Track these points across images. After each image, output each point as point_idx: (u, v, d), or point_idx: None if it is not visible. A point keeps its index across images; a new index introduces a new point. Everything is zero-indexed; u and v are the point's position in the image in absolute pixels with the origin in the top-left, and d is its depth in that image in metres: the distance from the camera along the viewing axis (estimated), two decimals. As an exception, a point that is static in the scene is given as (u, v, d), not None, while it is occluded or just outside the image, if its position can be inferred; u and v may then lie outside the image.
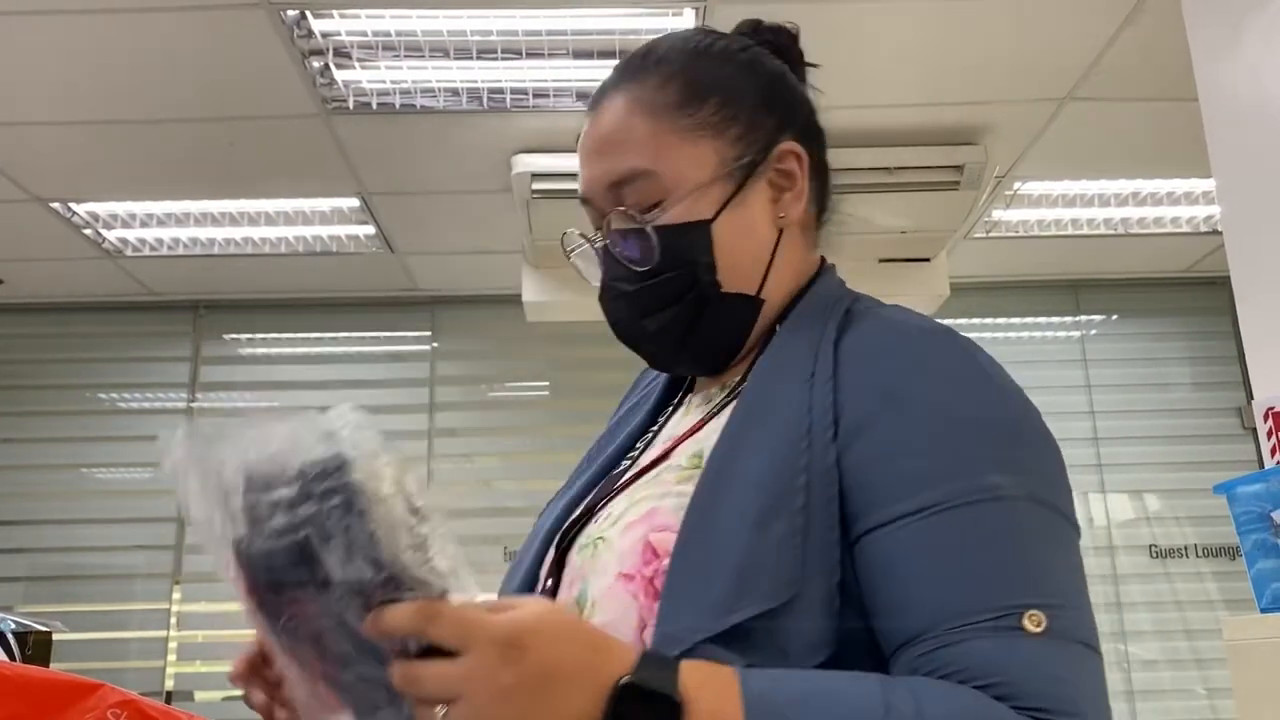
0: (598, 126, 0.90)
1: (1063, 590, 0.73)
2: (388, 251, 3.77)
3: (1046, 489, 0.76)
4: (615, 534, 0.81)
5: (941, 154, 3.01)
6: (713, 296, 0.87)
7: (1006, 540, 0.72)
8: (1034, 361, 4.18)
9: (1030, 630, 0.69)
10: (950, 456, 0.74)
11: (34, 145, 3.01)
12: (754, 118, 0.90)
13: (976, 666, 0.68)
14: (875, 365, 0.79)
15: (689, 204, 0.86)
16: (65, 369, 4.14)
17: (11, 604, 3.81)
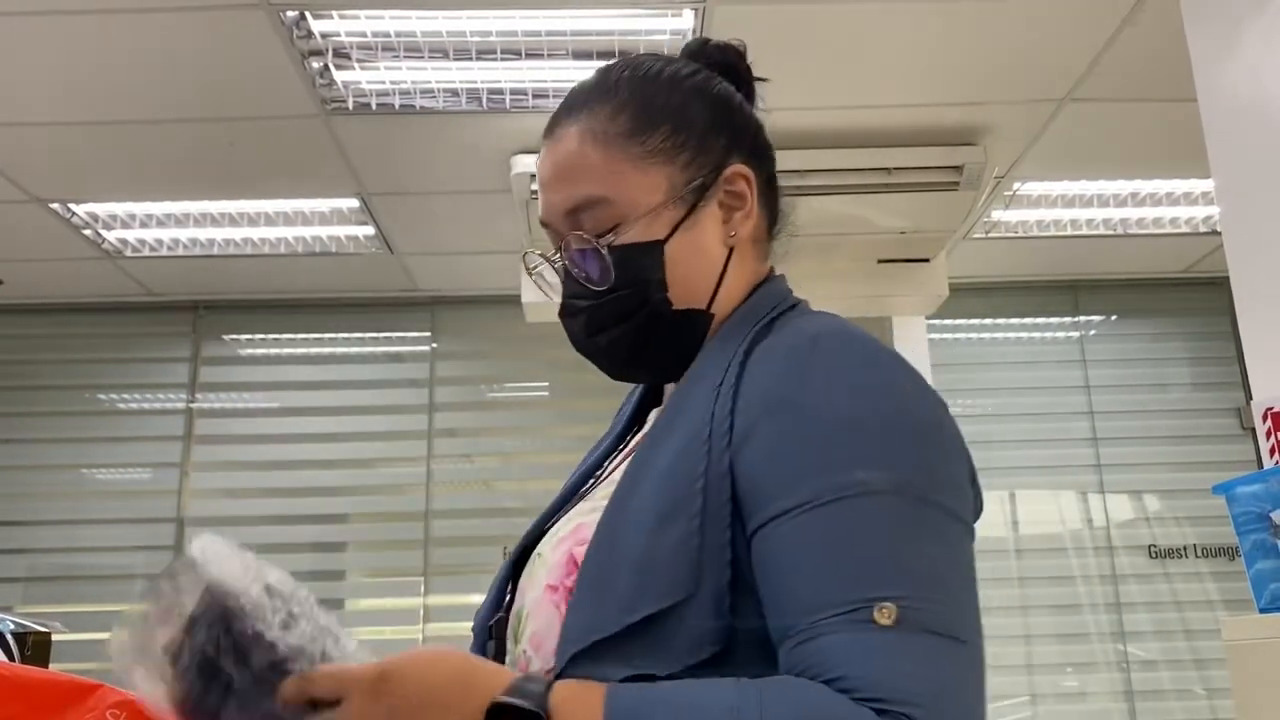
0: (553, 155, 0.94)
1: (920, 582, 0.74)
2: (387, 252, 3.77)
3: (921, 483, 0.78)
4: (549, 549, 0.88)
5: (941, 154, 3.01)
6: (664, 313, 0.92)
7: (866, 534, 0.75)
8: (1033, 362, 4.18)
9: (880, 623, 0.71)
10: (822, 455, 0.77)
11: (33, 146, 3.01)
12: (703, 142, 0.94)
13: (826, 661, 0.71)
14: (768, 372, 0.83)
15: (643, 226, 0.91)
16: (65, 369, 4.14)
17: (11, 604, 3.81)
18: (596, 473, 1.01)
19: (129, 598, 3.98)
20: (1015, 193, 3.44)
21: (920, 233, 3.22)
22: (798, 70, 2.72)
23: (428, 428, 4.09)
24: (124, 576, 3.99)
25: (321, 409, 4.12)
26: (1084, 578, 3.97)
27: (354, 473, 4.09)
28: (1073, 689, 3.88)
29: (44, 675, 1.01)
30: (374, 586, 4.20)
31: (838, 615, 0.72)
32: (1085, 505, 4.05)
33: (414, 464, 4.05)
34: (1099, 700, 3.85)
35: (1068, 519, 4.05)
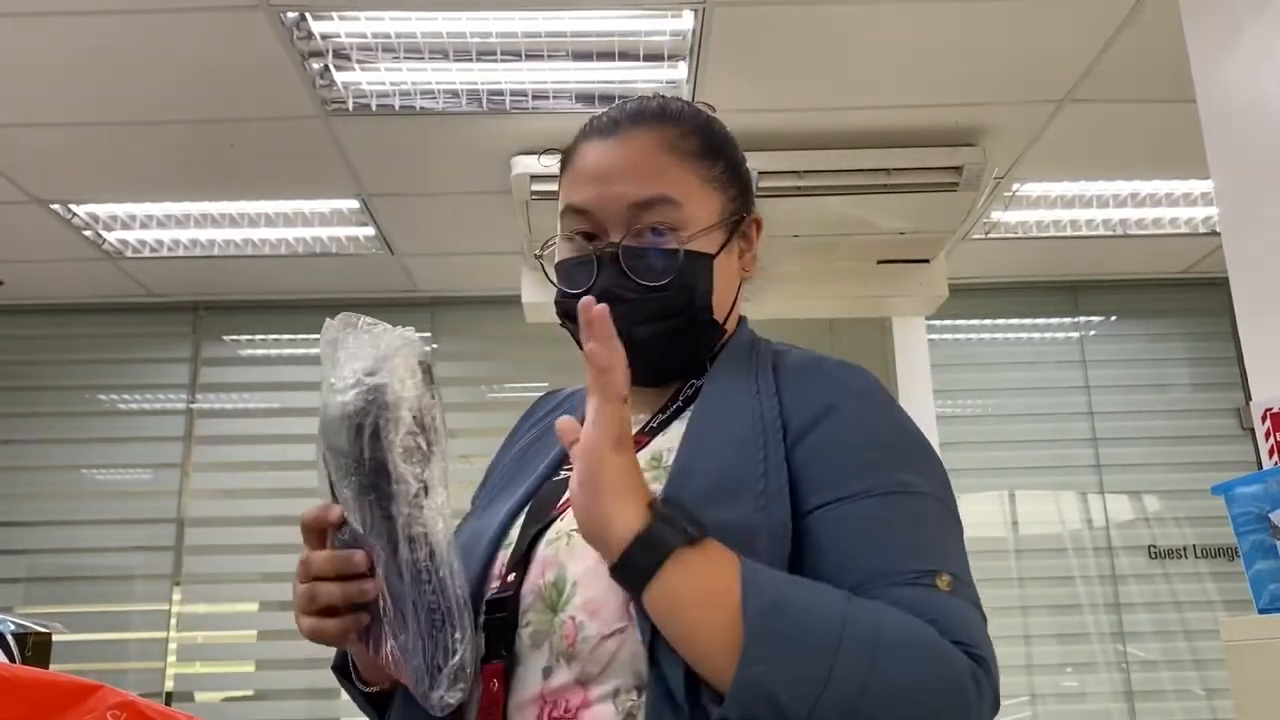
0: (623, 150, 1.01)
1: (959, 565, 0.90)
2: (387, 253, 3.77)
3: (943, 492, 0.94)
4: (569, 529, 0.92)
5: (940, 155, 3.01)
6: (701, 319, 1.01)
7: (918, 522, 0.90)
8: (1033, 362, 4.18)
9: (942, 589, 0.85)
10: (880, 457, 0.92)
11: (34, 146, 3.01)
12: (742, 187, 1.07)
13: (908, 605, 0.83)
14: (814, 384, 0.97)
15: (702, 239, 1.00)
16: (65, 370, 4.14)
17: (11, 605, 3.81)
18: (565, 466, 1.03)
19: (129, 598, 3.98)
20: (1015, 193, 3.45)
21: (920, 233, 3.22)
22: (796, 71, 2.72)
23: (428, 428, 4.08)
24: (124, 577, 3.99)
25: (321, 409, 4.12)
26: (1084, 578, 3.97)
27: (354, 473, 4.08)
28: (1072, 689, 3.89)
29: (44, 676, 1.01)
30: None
31: (907, 578, 0.85)
32: (1085, 505, 4.05)
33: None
34: (1099, 700, 3.85)
35: (1067, 519, 4.05)
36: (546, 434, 1.10)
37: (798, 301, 3.39)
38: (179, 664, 3.90)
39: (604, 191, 0.99)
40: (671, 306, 0.99)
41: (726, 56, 2.64)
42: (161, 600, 3.94)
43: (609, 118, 1.04)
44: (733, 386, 0.98)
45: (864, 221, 3.13)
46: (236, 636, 4.11)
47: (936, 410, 3.75)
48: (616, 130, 1.02)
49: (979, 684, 0.82)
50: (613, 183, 0.99)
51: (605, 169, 1.00)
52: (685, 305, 0.99)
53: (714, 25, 2.51)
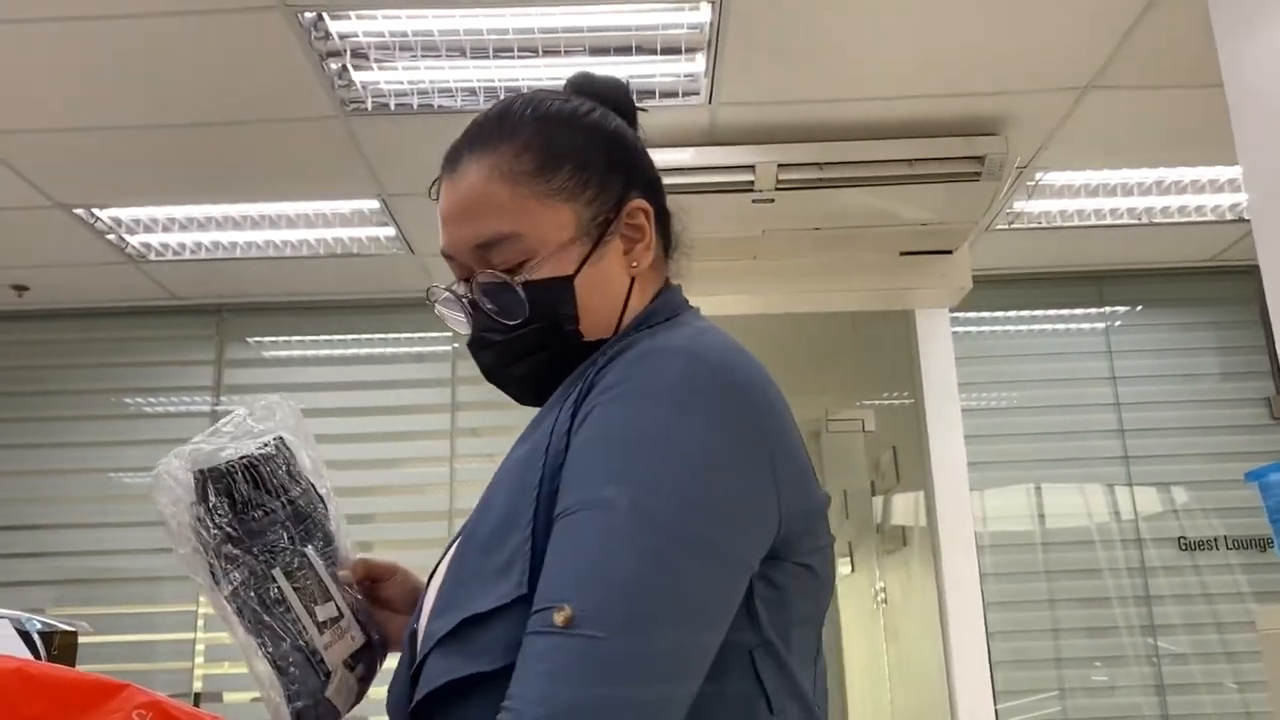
0: (457, 190, 0.96)
1: (609, 594, 0.75)
2: (408, 252, 3.78)
3: (664, 504, 0.79)
4: (443, 567, 0.93)
5: (962, 145, 2.98)
6: (575, 345, 0.96)
7: (581, 544, 0.78)
8: (1058, 354, 4.14)
9: (556, 624, 0.75)
10: (586, 470, 0.82)
11: (56, 151, 3.03)
12: (604, 179, 0.98)
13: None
14: (596, 389, 0.87)
15: (553, 263, 0.94)
16: (90, 374, 4.18)
17: (42, 607, 3.84)
18: None
19: (157, 599, 4.01)
20: (1038, 183, 3.41)
21: (943, 224, 3.19)
22: (815, 62, 2.70)
23: (450, 427, 4.10)
24: (151, 579, 4.02)
25: (344, 410, 4.14)
26: (1112, 570, 3.93)
27: (378, 473, 4.10)
28: (1102, 683, 3.85)
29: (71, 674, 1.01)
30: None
31: (535, 614, 0.77)
32: (1113, 498, 4.01)
33: (437, 463, 4.06)
34: (1129, 694, 3.82)
35: (1095, 512, 4.01)
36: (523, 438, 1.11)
37: (819, 295, 3.37)
38: (207, 664, 3.93)
39: (451, 236, 0.97)
40: (537, 342, 0.95)
41: (744, 48, 2.63)
42: (189, 601, 3.97)
43: (454, 147, 1.00)
44: (557, 401, 0.92)
45: (886, 213, 3.11)
46: (263, 636, 4.13)
47: (962, 403, 3.72)
48: (455, 165, 0.98)
49: None
50: (456, 227, 0.96)
51: (447, 213, 0.97)
52: (551, 335, 0.95)
53: (731, 17, 2.50)
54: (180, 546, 0.97)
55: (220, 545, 0.96)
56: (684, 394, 0.83)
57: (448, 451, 4.06)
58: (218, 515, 0.95)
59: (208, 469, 0.97)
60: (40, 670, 0.94)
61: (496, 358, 0.98)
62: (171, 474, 0.97)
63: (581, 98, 1.04)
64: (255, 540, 0.96)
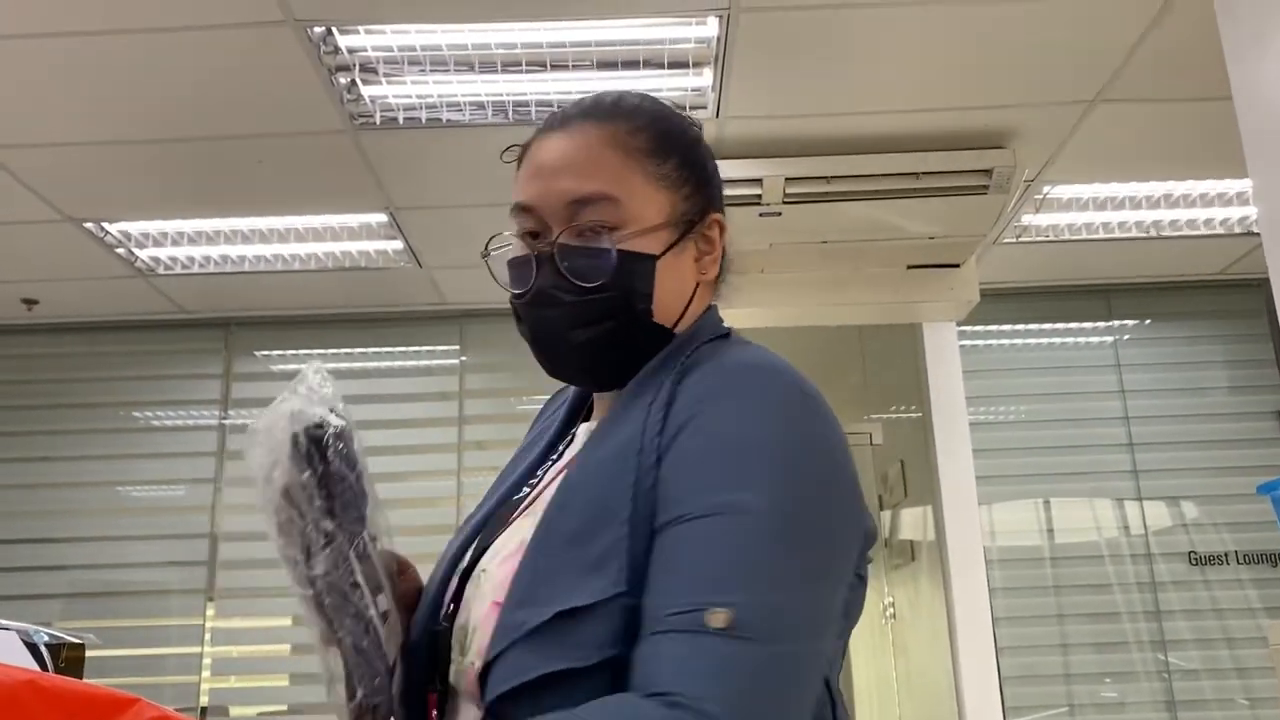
0: (567, 144, 0.97)
1: (762, 594, 0.78)
2: (416, 266, 3.79)
3: (798, 508, 0.82)
4: (494, 566, 0.91)
5: (970, 158, 2.98)
6: (642, 323, 0.96)
7: (727, 546, 0.79)
8: (1066, 367, 4.13)
9: (711, 626, 0.76)
10: (710, 474, 0.83)
11: (66, 166, 3.05)
12: (698, 186, 1.01)
13: (646, 664, 0.77)
14: (689, 396, 0.88)
15: (644, 239, 0.95)
16: (99, 387, 4.19)
17: (49, 620, 3.85)
18: (530, 481, 1.03)
19: (164, 613, 4.01)
20: (1045, 196, 3.41)
21: (950, 238, 3.19)
22: (823, 76, 2.71)
23: (457, 440, 4.10)
24: (159, 592, 4.02)
25: (352, 423, 4.14)
26: (1122, 585, 3.91)
27: (385, 486, 4.05)
28: (1112, 699, 3.82)
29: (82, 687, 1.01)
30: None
31: (674, 616, 0.77)
32: (1122, 512, 3.99)
33: (444, 477, 4.06)
34: (1140, 710, 3.79)
35: (1104, 526, 3.99)
36: (535, 441, 1.09)
37: (827, 308, 3.37)
38: (214, 678, 3.92)
39: (544, 187, 0.96)
40: (609, 309, 0.95)
41: (752, 63, 2.63)
42: (196, 615, 3.96)
43: (562, 112, 1.00)
44: (637, 399, 0.92)
45: (893, 226, 3.11)
46: (270, 650, 4.13)
47: (969, 417, 3.71)
48: (565, 125, 0.98)
49: None
50: (554, 179, 0.96)
51: (548, 164, 0.96)
52: (623, 307, 0.95)
53: (739, 32, 2.51)
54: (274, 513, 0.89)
55: (320, 519, 0.88)
56: (790, 408, 0.88)
57: (455, 465, 4.06)
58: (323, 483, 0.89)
59: (310, 431, 0.90)
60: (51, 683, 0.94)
61: (562, 318, 0.96)
62: (273, 431, 0.90)
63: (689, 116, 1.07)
64: (343, 516, 0.90)
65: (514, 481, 1.04)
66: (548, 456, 1.05)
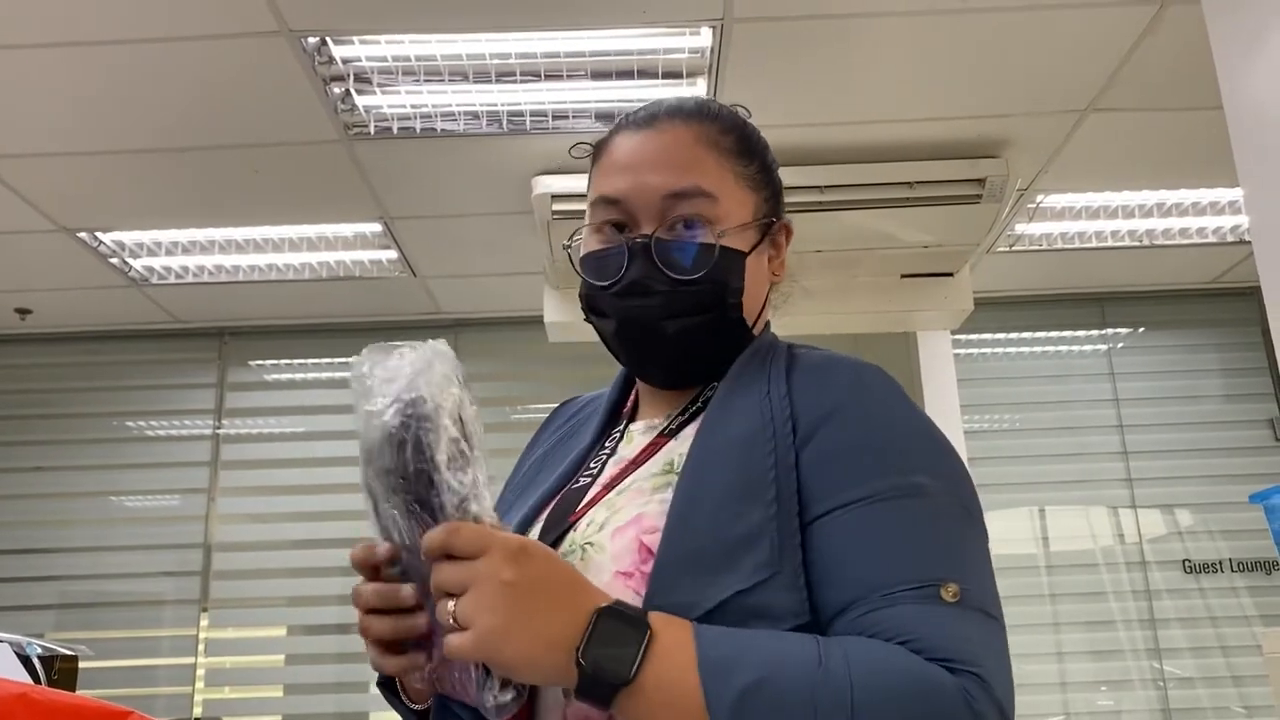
0: (660, 141, 0.99)
1: (972, 569, 0.85)
2: (410, 275, 3.79)
3: (961, 492, 0.89)
4: (604, 539, 0.90)
5: (963, 168, 2.99)
6: (732, 317, 0.99)
7: (928, 527, 0.85)
8: (1061, 376, 4.14)
9: (946, 599, 0.81)
10: (886, 458, 0.88)
11: (60, 175, 3.05)
12: (774, 191, 1.06)
13: (897, 626, 0.79)
14: (824, 385, 0.93)
15: (736, 235, 0.98)
16: (92, 397, 4.18)
17: (42, 631, 3.83)
18: (582, 470, 1.02)
19: (158, 624, 4.00)
20: (1039, 205, 3.42)
21: (943, 246, 3.20)
22: (816, 85, 2.72)
23: (452, 450, 4.08)
24: (153, 603, 4.01)
25: (347, 433, 4.13)
26: (1116, 593, 3.92)
27: (379, 496, 4.08)
28: (1108, 708, 3.82)
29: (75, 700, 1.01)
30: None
31: (909, 590, 0.81)
32: (1116, 520, 3.99)
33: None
34: (1135, 718, 3.79)
35: (1099, 534, 3.99)
36: (566, 440, 1.10)
37: (822, 317, 3.38)
38: (208, 689, 3.91)
39: (637, 181, 0.97)
40: (703, 301, 0.97)
41: (746, 72, 2.64)
42: (190, 625, 3.95)
43: (646, 112, 1.02)
44: (746, 389, 0.94)
45: (887, 235, 3.12)
46: (265, 661, 4.12)
47: (964, 425, 3.72)
48: (653, 123, 1.00)
49: (973, 704, 0.76)
50: (646, 173, 0.97)
51: (639, 159, 0.98)
52: (717, 301, 0.97)
53: (733, 41, 2.51)
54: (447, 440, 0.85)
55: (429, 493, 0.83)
56: (910, 401, 0.94)
57: (450, 474, 4.04)
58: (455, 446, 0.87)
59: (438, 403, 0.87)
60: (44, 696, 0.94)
61: (656, 308, 0.96)
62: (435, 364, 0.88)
63: None
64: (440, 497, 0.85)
65: (561, 475, 1.03)
66: (591, 451, 1.05)
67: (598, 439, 1.07)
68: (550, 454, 1.10)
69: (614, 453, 1.03)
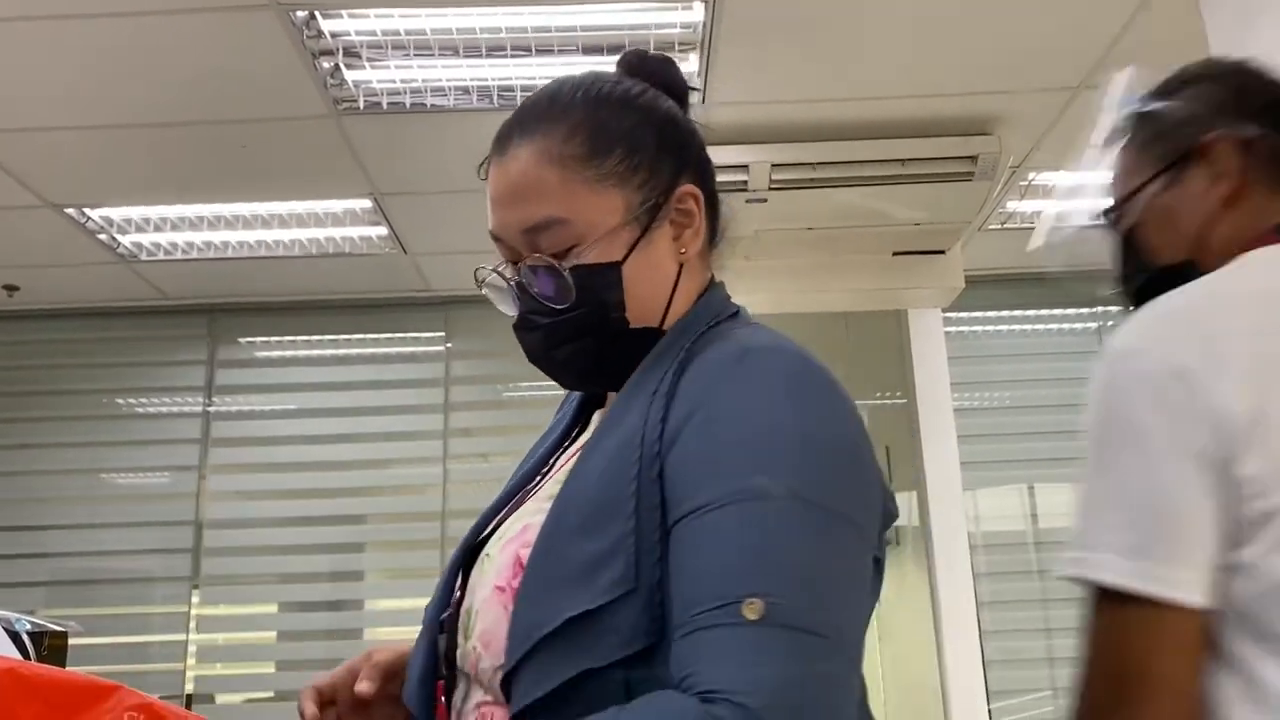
0: (508, 174, 0.96)
1: (792, 581, 0.78)
2: (400, 252, 3.77)
3: (819, 492, 0.81)
4: (497, 550, 0.92)
5: (955, 145, 2.99)
6: (620, 332, 0.95)
7: (751, 536, 0.79)
8: (1051, 354, 4.15)
9: (748, 617, 0.75)
10: (727, 461, 0.82)
11: (48, 151, 3.02)
12: (655, 164, 0.97)
13: (687, 656, 0.77)
14: (696, 382, 0.88)
15: (601, 248, 0.94)
16: (82, 374, 4.16)
17: (33, 608, 3.83)
18: (542, 470, 1.04)
19: (149, 601, 4.00)
20: (1030, 183, 3.42)
21: (935, 224, 3.20)
22: (808, 62, 2.71)
23: (443, 427, 4.09)
24: (143, 580, 4.01)
25: (337, 410, 4.13)
26: (1105, 570, 3.94)
27: (371, 473, 4.09)
28: (1095, 682, 3.85)
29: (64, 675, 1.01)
30: (393, 587, 4.21)
31: (710, 610, 0.77)
32: (1105, 497, 4.01)
33: (430, 464, 4.05)
34: (1122, 693, 3.82)
35: (1088, 511, 4.02)
36: (553, 427, 1.10)
37: (811, 295, 3.38)
38: (199, 665, 3.91)
39: (500, 220, 0.97)
40: (583, 326, 0.95)
41: (738, 48, 2.63)
42: (181, 602, 3.95)
43: (505, 128, 0.99)
44: (639, 391, 0.92)
45: (878, 213, 3.12)
46: (256, 638, 4.12)
47: (954, 403, 3.73)
48: (505, 147, 0.97)
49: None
50: (504, 209, 0.96)
51: (497, 194, 0.97)
52: (598, 321, 0.95)
53: (724, 16, 2.50)
54: None
55: None
56: (799, 387, 0.86)
57: (441, 452, 4.05)
58: None
59: None
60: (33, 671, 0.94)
61: (541, 340, 0.97)
62: None
63: (634, 79, 1.02)
64: None
65: (529, 468, 1.05)
66: (561, 443, 1.06)
67: (568, 431, 1.08)
68: (541, 438, 1.10)
69: (573, 443, 1.04)
